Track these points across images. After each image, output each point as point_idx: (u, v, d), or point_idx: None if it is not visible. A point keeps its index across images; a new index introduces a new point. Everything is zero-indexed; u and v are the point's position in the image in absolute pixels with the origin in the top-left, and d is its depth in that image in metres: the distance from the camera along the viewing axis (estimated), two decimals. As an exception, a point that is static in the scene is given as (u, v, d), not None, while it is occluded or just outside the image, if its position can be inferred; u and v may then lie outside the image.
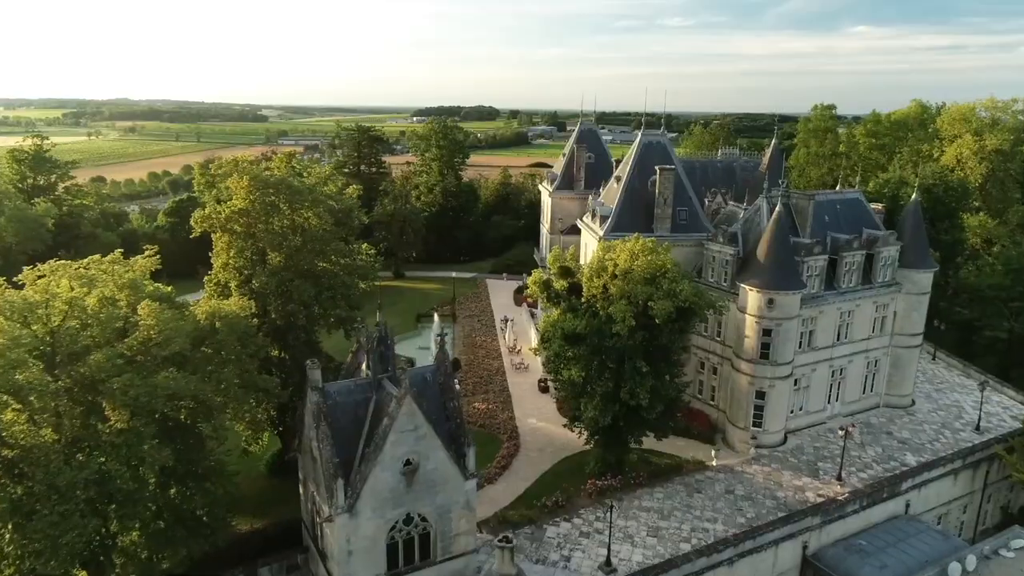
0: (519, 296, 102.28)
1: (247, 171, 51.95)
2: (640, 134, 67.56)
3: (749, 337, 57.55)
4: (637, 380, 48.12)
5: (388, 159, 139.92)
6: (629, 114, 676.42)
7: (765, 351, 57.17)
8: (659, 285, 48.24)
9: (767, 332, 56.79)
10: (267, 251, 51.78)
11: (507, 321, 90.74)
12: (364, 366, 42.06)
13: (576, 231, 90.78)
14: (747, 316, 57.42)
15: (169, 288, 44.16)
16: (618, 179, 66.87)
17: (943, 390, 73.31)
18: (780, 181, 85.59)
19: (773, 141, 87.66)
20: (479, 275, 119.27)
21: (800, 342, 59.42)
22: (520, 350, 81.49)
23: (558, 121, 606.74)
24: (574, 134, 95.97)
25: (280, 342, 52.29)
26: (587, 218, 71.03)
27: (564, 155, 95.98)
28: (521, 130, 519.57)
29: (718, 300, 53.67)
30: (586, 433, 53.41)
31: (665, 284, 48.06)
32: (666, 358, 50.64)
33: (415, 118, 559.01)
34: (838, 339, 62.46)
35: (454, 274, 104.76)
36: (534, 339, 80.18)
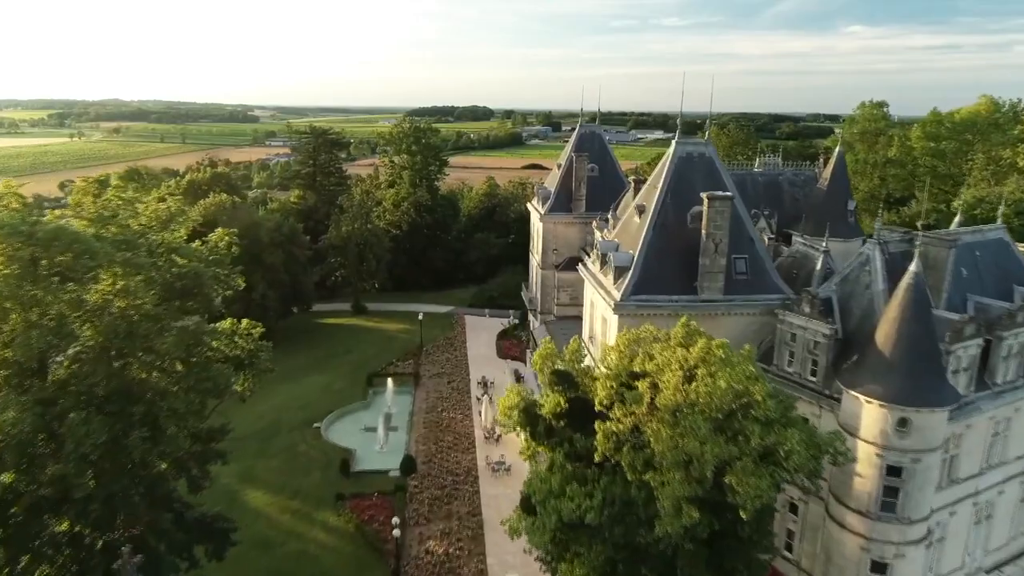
0: (504, 343, 78.93)
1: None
2: (674, 143, 43.81)
3: (863, 477, 34.29)
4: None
5: (365, 163, 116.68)
6: (625, 114, 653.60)
7: (890, 500, 33.99)
8: (744, 437, 25.02)
9: (894, 471, 33.58)
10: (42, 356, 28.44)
11: (486, 386, 67.46)
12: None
13: (576, 265, 67.57)
14: (859, 442, 34.16)
15: None
16: (641, 209, 43.41)
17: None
18: (848, 202, 62.82)
19: (837, 148, 64.46)
20: (456, 309, 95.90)
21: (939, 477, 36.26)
22: (500, 436, 58.16)
23: (553, 121, 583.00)
24: (572, 140, 72.57)
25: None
26: (592, 266, 47.57)
27: (559, 165, 72.63)
28: (515, 130, 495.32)
29: (833, 440, 29.86)
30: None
31: (755, 437, 24.78)
32: (747, 561, 27.23)
33: (407, 118, 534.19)
34: (987, 463, 39.28)
35: (421, 315, 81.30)
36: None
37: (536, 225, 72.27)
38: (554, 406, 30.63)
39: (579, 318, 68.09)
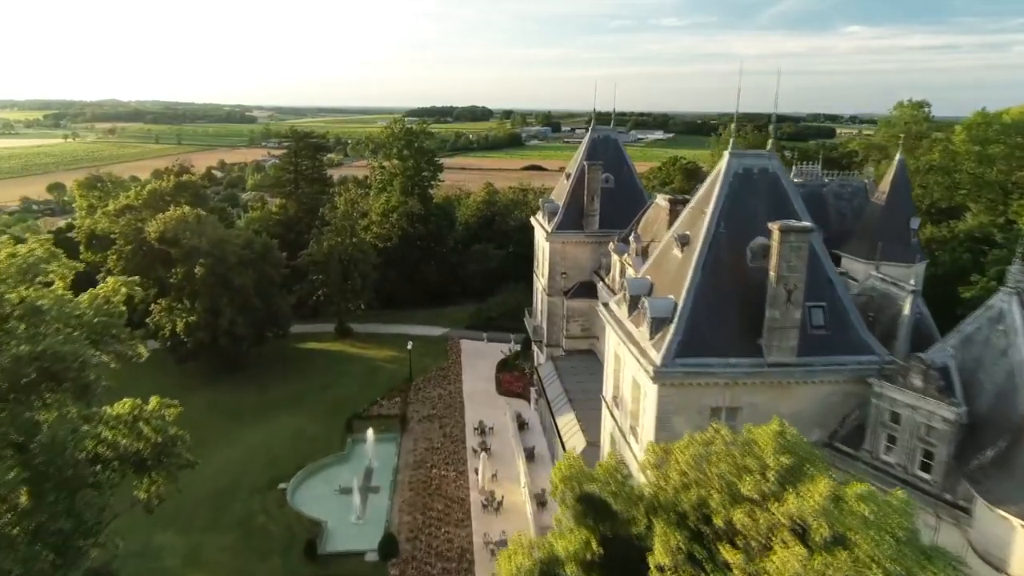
0: (504, 377, 68.64)
1: None
2: (728, 156, 33.02)
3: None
4: None
5: (362, 164, 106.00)
6: (625, 114, 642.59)
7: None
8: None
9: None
10: None
11: (484, 433, 57.29)
12: None
13: (588, 293, 57.38)
14: (1006, 578, 23.95)
15: None
16: (683, 240, 33.01)
17: None
18: (912, 219, 52.82)
19: (898, 156, 54.46)
20: (451, 331, 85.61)
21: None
22: (501, 502, 47.81)
23: (552, 121, 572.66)
24: (582, 145, 62.09)
25: None
26: (617, 308, 36.97)
27: (568, 175, 62.27)
28: (515, 131, 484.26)
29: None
30: None
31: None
32: None
33: (407, 119, 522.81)
34: None
35: (411, 344, 70.84)
36: (524, 474, 47.37)
37: (542, 244, 61.92)
38: (581, 548, 20.40)
39: (592, 353, 57.92)
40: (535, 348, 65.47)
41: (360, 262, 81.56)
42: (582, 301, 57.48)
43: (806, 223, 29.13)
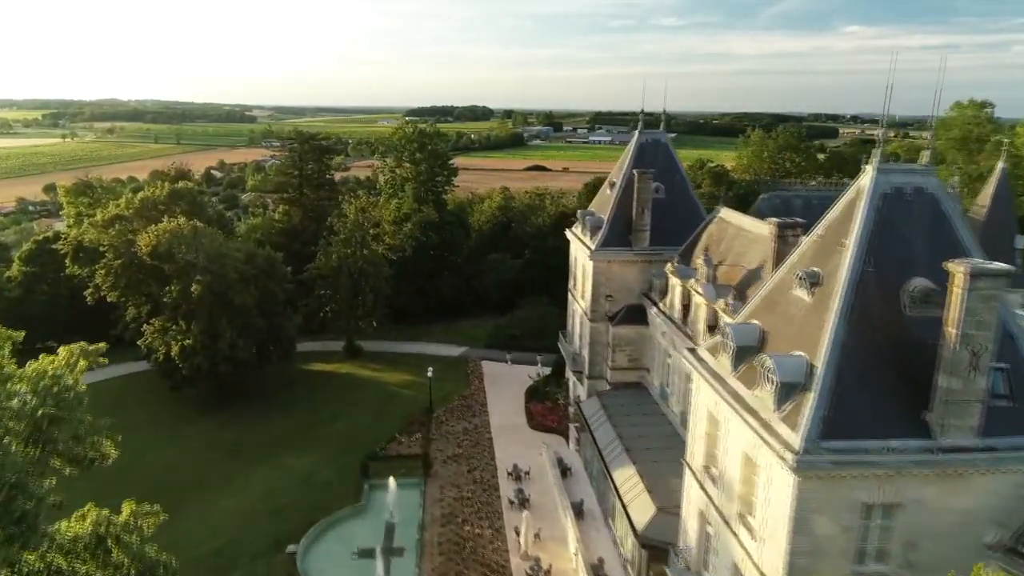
0: (535, 408, 61.10)
1: None
2: (873, 171, 25.02)
3: None
4: None
5: (363, 165, 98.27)
6: (626, 114, 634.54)
7: None
8: None
9: None
10: None
11: (519, 478, 49.86)
12: None
13: (637, 318, 49.99)
14: None
15: None
16: (812, 280, 25.27)
17: None
18: (1016, 238, 45.61)
19: (1000, 166, 47.13)
20: (470, 350, 78.15)
21: None
22: (549, 572, 40.25)
23: (554, 121, 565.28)
24: (629, 150, 54.40)
25: None
26: (712, 360, 29.19)
27: (612, 185, 54.63)
28: (516, 131, 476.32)
29: None
30: None
31: None
32: None
33: (407, 119, 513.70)
34: None
35: (431, 372, 63.15)
36: (573, 538, 39.91)
37: (582, 263, 54.29)
38: None
39: (641, 387, 50.46)
40: (571, 377, 58.01)
41: (371, 276, 73.97)
42: (630, 328, 49.99)
43: (1004, 265, 21.54)
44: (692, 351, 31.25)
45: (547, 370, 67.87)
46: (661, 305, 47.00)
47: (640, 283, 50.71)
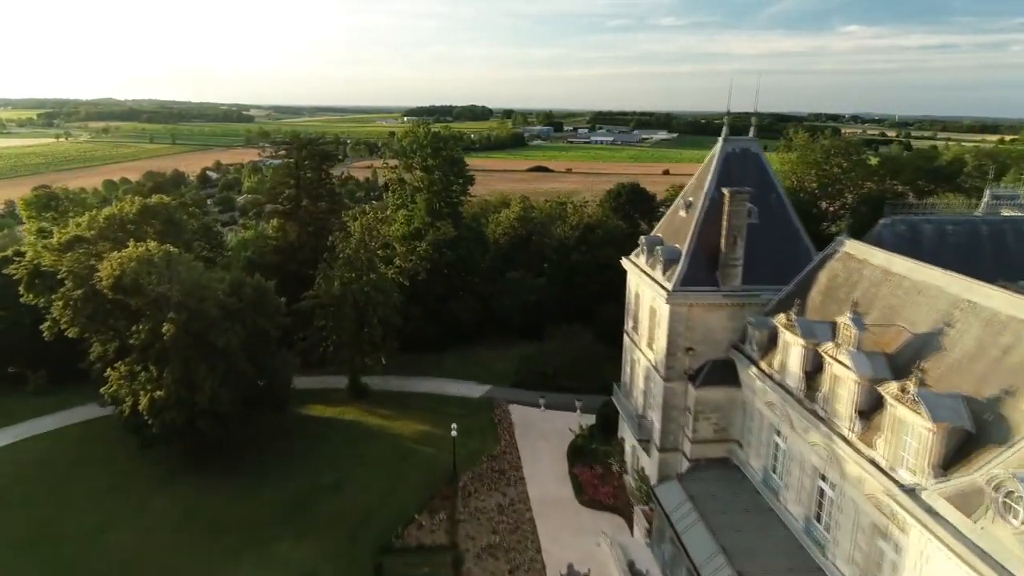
0: (582, 474, 49.43)
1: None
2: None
3: None
4: None
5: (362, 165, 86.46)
6: (626, 114, 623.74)
7: None
8: None
9: None
10: None
11: (577, 585, 38.19)
12: None
13: (725, 378, 38.40)
14: None
15: None
16: (687, 205, 14.51)
17: None
18: None
19: None
20: (494, 389, 66.50)
21: None
22: None
23: (554, 121, 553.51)
24: (712, 162, 41.89)
25: None
26: (947, 510, 17.88)
27: (688, 206, 42.37)
28: (517, 131, 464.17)
29: None
30: None
31: None
32: None
33: (405, 118, 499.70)
34: None
35: (455, 430, 51.52)
36: None
37: (650, 304, 42.26)
38: None
39: (731, 464, 38.94)
40: (625, 432, 46.43)
41: (380, 304, 62.32)
42: (718, 390, 38.28)
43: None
44: (909, 492, 19.65)
45: (589, 418, 56.41)
46: (764, 365, 35.45)
47: (728, 332, 38.84)
